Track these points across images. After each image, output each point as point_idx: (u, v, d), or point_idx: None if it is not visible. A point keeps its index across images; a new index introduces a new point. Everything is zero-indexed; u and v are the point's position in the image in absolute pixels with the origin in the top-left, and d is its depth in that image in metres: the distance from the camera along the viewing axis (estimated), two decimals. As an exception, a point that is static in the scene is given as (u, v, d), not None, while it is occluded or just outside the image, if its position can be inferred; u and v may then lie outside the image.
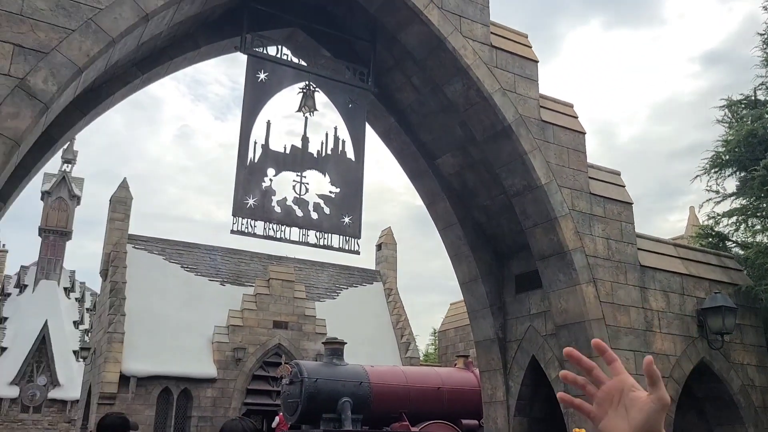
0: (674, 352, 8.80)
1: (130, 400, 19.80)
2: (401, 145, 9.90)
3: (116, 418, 4.09)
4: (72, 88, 5.92)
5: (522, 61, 8.94)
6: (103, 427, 4.02)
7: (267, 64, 8.36)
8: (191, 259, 24.05)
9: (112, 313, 20.49)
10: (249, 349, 21.81)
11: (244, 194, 7.76)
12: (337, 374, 14.23)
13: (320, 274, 26.90)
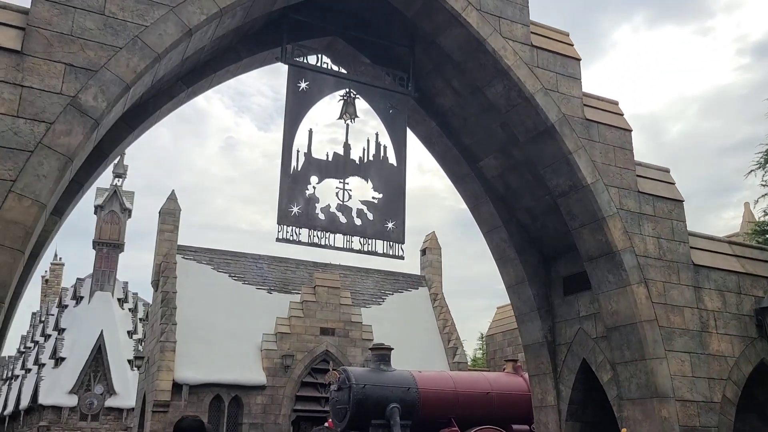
0: (732, 354, 8.51)
1: (182, 407, 20.19)
2: (443, 149, 9.86)
3: (192, 421, 4.14)
4: (121, 104, 6.10)
5: (564, 59, 8.81)
6: (179, 429, 4.05)
7: (307, 73, 8.45)
8: (239, 267, 24.45)
9: (164, 322, 20.96)
10: (297, 356, 22.01)
11: (289, 202, 7.85)
12: (385, 380, 14.22)
13: (365, 281, 27.00)
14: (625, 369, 8.11)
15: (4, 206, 5.12)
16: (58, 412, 33.29)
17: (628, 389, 8.05)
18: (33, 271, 6.60)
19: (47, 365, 35.25)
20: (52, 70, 5.54)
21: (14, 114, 5.32)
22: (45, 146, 5.37)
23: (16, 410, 36.29)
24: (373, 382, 14.07)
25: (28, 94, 5.42)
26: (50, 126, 5.43)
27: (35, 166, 5.30)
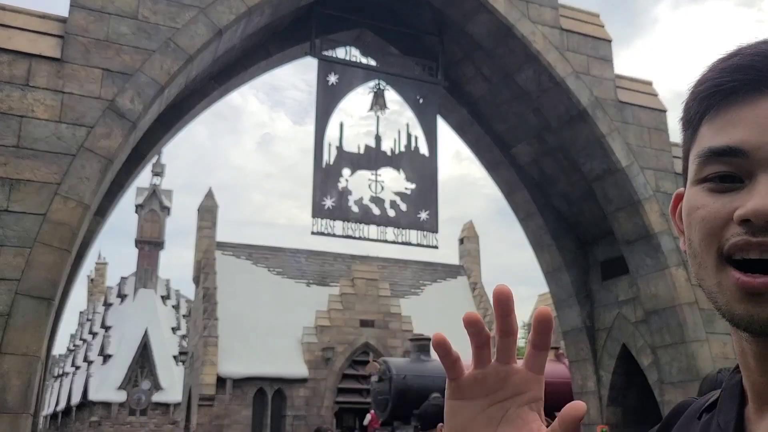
0: (778, 335, 8.33)
1: (227, 401, 20.61)
2: (476, 137, 9.84)
3: None
4: (156, 105, 6.27)
5: (594, 41, 8.70)
6: None
7: (337, 66, 8.52)
8: (277, 262, 24.77)
9: (206, 317, 21.39)
10: (337, 349, 22.24)
11: (322, 196, 7.95)
12: (426, 370, 14.29)
13: (404, 271, 27.07)
14: (665, 353, 8.01)
15: (51, 208, 5.33)
16: (107, 407, 34.29)
17: (669, 373, 7.96)
18: (79, 270, 6.84)
19: (96, 362, 36.32)
20: (90, 75, 5.72)
21: (57, 119, 5.52)
22: (87, 149, 5.56)
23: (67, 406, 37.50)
24: (414, 372, 14.15)
25: (68, 99, 5.61)
26: (90, 130, 5.62)
27: (78, 169, 5.50)
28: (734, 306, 0.59)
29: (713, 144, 0.61)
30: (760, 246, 0.56)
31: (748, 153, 0.59)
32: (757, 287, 0.56)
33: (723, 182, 0.60)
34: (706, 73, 0.64)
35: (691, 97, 0.65)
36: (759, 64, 0.60)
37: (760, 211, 0.56)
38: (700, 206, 0.61)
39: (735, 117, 0.60)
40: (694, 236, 0.62)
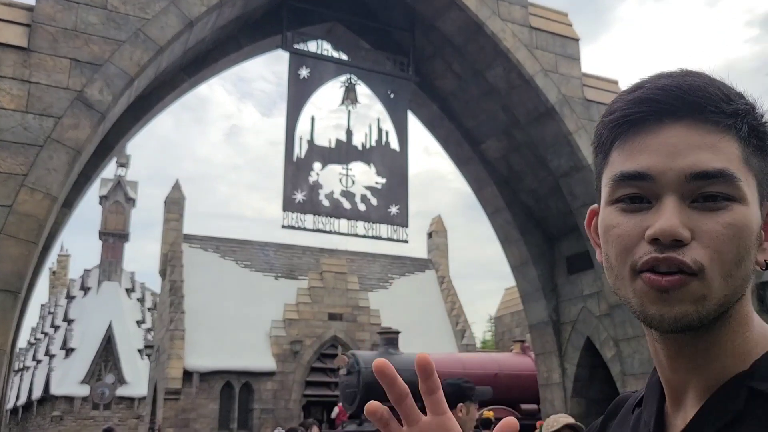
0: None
1: (194, 394, 20.48)
2: (446, 132, 9.93)
3: None
4: (126, 96, 6.20)
5: (563, 40, 8.85)
6: None
7: (308, 60, 8.52)
8: (245, 255, 24.62)
9: (173, 311, 21.19)
10: (306, 342, 22.23)
11: (293, 189, 7.95)
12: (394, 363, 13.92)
13: (372, 265, 27.16)
14: (628, 345, 8.23)
15: (17, 200, 5.24)
16: (70, 402, 33.71)
17: (631, 365, 8.18)
18: (45, 263, 6.74)
19: (58, 356, 35.65)
20: (58, 65, 5.63)
21: (23, 110, 5.43)
22: (54, 140, 5.48)
23: (28, 401, 36.75)
24: (382, 364, 14.18)
25: (35, 89, 5.52)
26: (58, 120, 5.54)
27: (45, 161, 5.42)
28: (647, 307, 0.66)
29: (624, 169, 0.68)
30: (667, 261, 0.64)
31: (654, 177, 0.66)
32: (664, 284, 0.64)
33: (633, 203, 0.68)
34: (615, 104, 0.71)
35: (603, 126, 0.73)
36: (659, 96, 0.67)
37: (666, 231, 0.64)
38: (615, 225, 0.69)
39: (642, 144, 0.68)
40: (611, 252, 0.69)
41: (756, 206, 0.68)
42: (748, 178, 0.67)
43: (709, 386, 0.68)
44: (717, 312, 0.66)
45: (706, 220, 0.65)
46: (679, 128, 0.67)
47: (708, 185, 0.65)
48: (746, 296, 0.69)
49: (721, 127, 0.67)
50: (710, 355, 0.68)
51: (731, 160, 0.66)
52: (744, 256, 0.66)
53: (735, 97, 0.69)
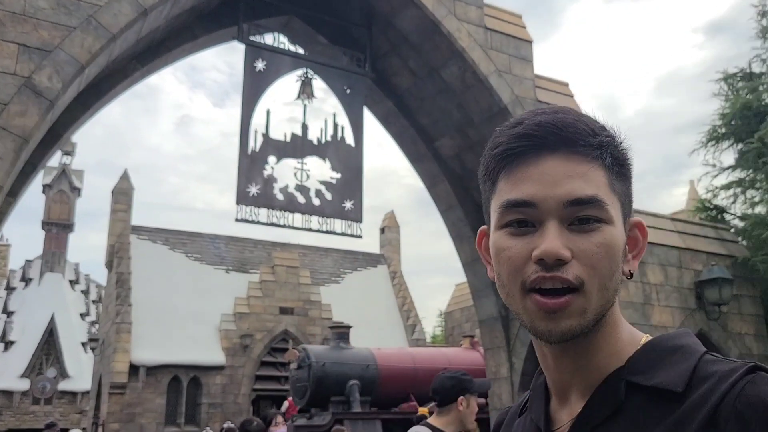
0: (672, 324, 8.98)
1: (140, 389, 20.10)
2: (400, 129, 10.01)
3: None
4: (76, 84, 6.05)
5: (517, 42, 9.03)
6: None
7: (264, 52, 8.46)
8: (195, 247, 24.26)
9: (119, 303, 20.73)
10: (256, 336, 22.08)
11: (247, 182, 7.90)
12: (345, 357, 14.45)
13: (324, 259, 27.12)
14: None
15: (-42, 188, 5.07)
16: (9, 396, 32.64)
17: (577, 360, 8.44)
18: (-13, 253, 6.53)
19: (-4, 349, 34.43)
20: (5, 50, 5.46)
21: (-33, 95, 5.25)
22: (0, 128, 5.32)
23: (-35, 396, 35.39)
24: (333, 359, 14.29)
25: (-20, 74, 5.34)
26: (5, 107, 5.37)
27: (-10, 148, 5.25)
28: (537, 324, 0.76)
29: (510, 197, 0.78)
30: (552, 279, 0.74)
31: (537, 204, 0.76)
32: (552, 306, 0.74)
33: (520, 227, 0.77)
34: (499, 138, 0.81)
35: (490, 157, 0.83)
36: (537, 132, 0.77)
37: (549, 252, 0.73)
38: (506, 248, 0.78)
39: (525, 175, 0.77)
40: (502, 272, 0.79)
41: (621, 225, 0.79)
42: (614, 201, 0.78)
43: (592, 383, 0.78)
44: (595, 320, 0.76)
45: (582, 241, 0.75)
46: (555, 160, 0.76)
47: (582, 210, 0.75)
48: (616, 303, 0.80)
49: (589, 158, 0.77)
50: (590, 355, 0.78)
51: (600, 186, 0.76)
52: (615, 270, 0.76)
53: (599, 131, 0.79)
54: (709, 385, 0.69)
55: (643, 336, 0.82)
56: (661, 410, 0.71)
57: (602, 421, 0.74)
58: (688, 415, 0.68)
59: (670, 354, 0.76)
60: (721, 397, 0.67)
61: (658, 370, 0.75)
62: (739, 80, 12.15)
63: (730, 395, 0.66)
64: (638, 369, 0.76)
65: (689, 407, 0.68)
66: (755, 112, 11.35)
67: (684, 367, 0.73)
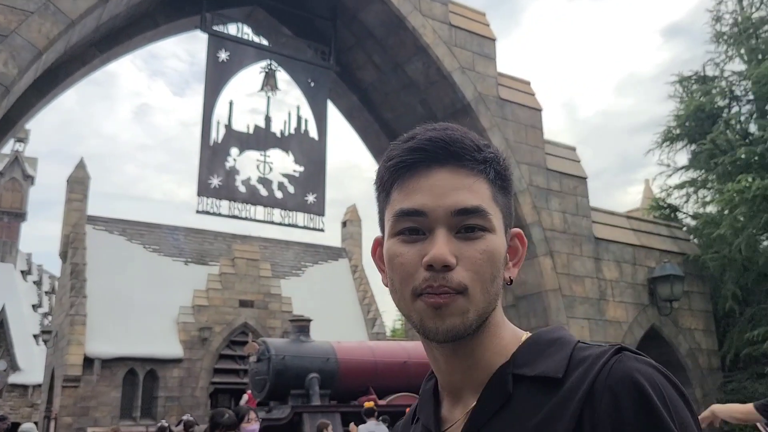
0: (626, 319, 9.23)
1: (95, 382, 19.72)
2: (364, 123, 10.03)
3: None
4: (33, 70, 5.89)
5: (480, 39, 9.12)
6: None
7: (228, 43, 8.37)
8: (153, 239, 23.85)
9: (74, 295, 20.27)
10: (215, 329, 21.84)
11: (209, 174, 7.82)
12: (305, 351, 14.40)
13: (285, 252, 26.96)
14: (531, 335, 8.65)
15: None
16: (-44, 390, 31.63)
17: (534, 354, 8.61)
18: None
19: (-57, 341, 33.30)
20: (-43, 33, 5.29)
21: None
22: (-49, 113, 5.16)
23: None
24: (293, 353, 14.22)
25: (-69, 57, 5.16)
26: (-44, 92, 5.21)
27: (-60, 134, 5.09)
28: (426, 322, 0.81)
29: (403, 206, 0.83)
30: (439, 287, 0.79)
31: (427, 213, 0.81)
32: (439, 302, 0.79)
33: (412, 234, 0.82)
34: (393, 151, 0.86)
35: (384, 169, 0.87)
36: (427, 146, 0.83)
37: (437, 258, 0.78)
38: (398, 254, 0.82)
39: (416, 186, 0.82)
40: (395, 277, 0.84)
41: (503, 235, 0.85)
42: (496, 212, 0.84)
43: (482, 380, 0.84)
44: (478, 321, 0.81)
45: (467, 248, 0.80)
46: (444, 173, 0.82)
47: (467, 219, 0.81)
48: (498, 306, 0.85)
49: (475, 171, 0.83)
50: (477, 355, 0.84)
51: (484, 198, 0.82)
52: (496, 276, 0.82)
53: (484, 147, 0.85)
54: (583, 368, 0.76)
55: (524, 333, 0.88)
56: (545, 396, 0.77)
57: (494, 413, 0.80)
58: (568, 396, 0.74)
59: (549, 346, 0.83)
60: (594, 376, 0.74)
61: (540, 361, 0.81)
62: (693, 83, 12.51)
63: (602, 374, 0.73)
64: (522, 362, 0.82)
65: (568, 389, 0.75)
66: (708, 114, 11.71)
67: (561, 355, 0.80)
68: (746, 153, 10.59)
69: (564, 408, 0.74)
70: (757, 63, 11.42)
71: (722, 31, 12.28)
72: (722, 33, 12.25)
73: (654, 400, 0.70)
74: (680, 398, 0.73)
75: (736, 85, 12.00)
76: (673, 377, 0.75)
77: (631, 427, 0.70)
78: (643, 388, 0.71)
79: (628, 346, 0.78)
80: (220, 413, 4.34)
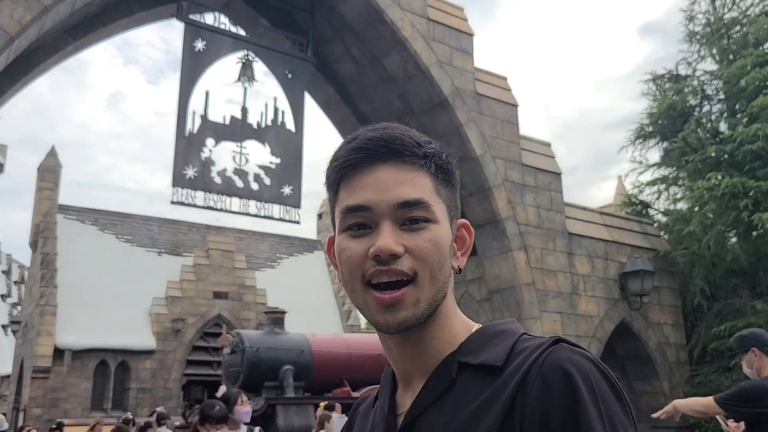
0: (597, 313, 9.38)
1: (65, 373, 19.47)
2: (341, 116, 10.02)
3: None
4: (4, 56, 5.79)
5: (458, 34, 9.16)
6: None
7: (204, 32, 8.29)
8: (126, 229, 23.56)
9: (44, 285, 19.96)
10: (188, 320, 21.68)
11: (184, 164, 7.76)
12: (279, 343, 14.37)
13: (260, 244, 26.83)
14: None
15: None
16: None
17: (507, 347, 8.71)
18: None
19: None
20: (-75, 16, 5.17)
21: None
22: None
23: None
24: (267, 344, 14.18)
25: None
26: (-76, 77, 5.10)
27: None
28: (377, 317, 0.84)
29: (349, 203, 0.86)
30: (389, 272, 0.82)
31: (372, 208, 0.84)
32: (389, 300, 0.82)
33: (359, 229, 0.85)
34: (338, 152, 0.89)
35: (330, 169, 0.90)
36: (369, 145, 0.86)
37: (383, 248, 0.81)
38: (346, 248, 0.86)
39: (361, 183, 0.86)
40: (345, 270, 0.86)
41: (447, 225, 0.88)
42: (439, 204, 0.87)
43: (429, 368, 0.87)
44: (429, 311, 0.84)
45: (413, 238, 0.83)
46: (386, 169, 0.85)
47: (410, 211, 0.84)
48: (449, 295, 0.88)
49: (416, 166, 0.86)
50: (427, 343, 0.87)
51: (425, 191, 0.85)
52: (443, 263, 0.85)
53: (424, 143, 0.89)
54: (522, 357, 0.80)
55: (475, 325, 0.91)
56: (484, 383, 0.80)
57: (437, 398, 0.83)
58: (505, 383, 0.78)
59: (495, 337, 0.86)
60: (530, 364, 0.77)
61: (484, 350, 0.84)
62: (666, 81, 12.70)
63: (537, 362, 0.77)
64: (468, 351, 0.85)
65: (507, 376, 0.79)
66: (680, 112, 11.91)
67: (504, 345, 0.84)
68: (716, 151, 10.80)
69: (500, 393, 0.78)
70: (728, 63, 11.64)
71: (695, 30, 12.48)
72: (695, 33, 12.46)
73: (581, 387, 0.73)
74: (610, 389, 0.76)
75: (708, 85, 12.22)
76: (606, 368, 0.79)
77: (557, 412, 0.73)
78: (571, 376, 0.74)
79: (566, 338, 0.81)
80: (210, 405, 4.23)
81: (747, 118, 11.01)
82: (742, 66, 10.78)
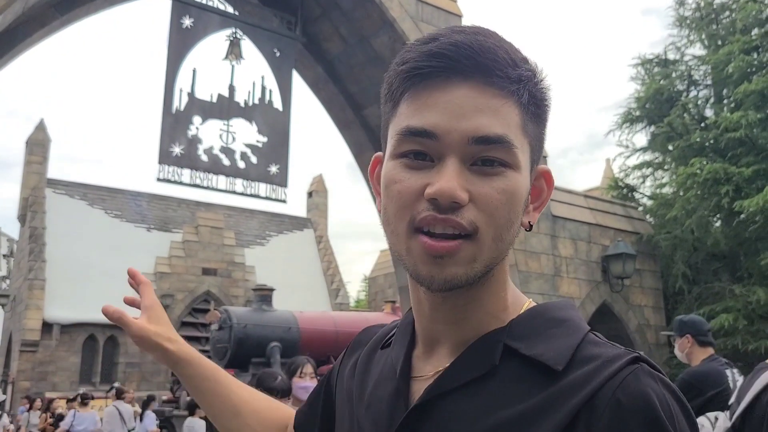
0: (579, 296, 9.53)
1: (53, 347, 19.59)
2: (329, 95, 10.02)
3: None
4: (-13, 31, 5.77)
5: (447, 15, 9.16)
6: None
7: (192, 9, 8.26)
8: (115, 204, 23.56)
9: (32, 259, 19.99)
10: (177, 296, 21.80)
11: (170, 142, 7.78)
12: (266, 320, 14.51)
13: (250, 221, 26.88)
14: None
15: None
16: None
17: (489, 327, 8.86)
18: None
19: None
20: None
21: None
22: None
23: None
24: (255, 321, 14.32)
25: None
26: None
27: None
28: (420, 267, 0.68)
29: (411, 123, 0.68)
30: (444, 222, 0.66)
31: (439, 136, 0.67)
32: (439, 250, 0.66)
33: (417, 159, 0.68)
34: (407, 54, 0.70)
35: (394, 74, 0.71)
36: (450, 52, 0.67)
37: (445, 192, 0.65)
38: (397, 180, 0.69)
39: (430, 100, 0.67)
40: (390, 207, 0.70)
41: (527, 172, 0.71)
42: (524, 144, 0.70)
43: (466, 339, 0.72)
44: (483, 272, 0.69)
45: (482, 184, 0.67)
46: (466, 88, 0.67)
47: (487, 150, 0.67)
48: (507, 259, 0.73)
49: (505, 92, 0.68)
50: (469, 310, 0.72)
51: (510, 126, 0.68)
52: (514, 220, 0.69)
53: (520, 63, 0.69)
54: (591, 367, 0.65)
55: (526, 300, 0.76)
56: (535, 383, 0.66)
57: (470, 380, 0.69)
58: (566, 394, 0.64)
59: (554, 326, 0.71)
60: (602, 382, 0.63)
61: (540, 340, 0.69)
62: (654, 66, 12.75)
63: (612, 382, 0.63)
64: (519, 335, 0.70)
65: (567, 387, 0.64)
66: (667, 97, 11.98)
67: (566, 343, 0.68)
68: (700, 137, 10.90)
69: (555, 405, 0.64)
70: (716, 48, 11.69)
71: (685, 15, 12.51)
72: (685, 17, 12.48)
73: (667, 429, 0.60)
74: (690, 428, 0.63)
75: (695, 70, 12.28)
76: (685, 402, 0.65)
77: None
78: (657, 415, 0.61)
79: (645, 356, 0.67)
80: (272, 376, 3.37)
81: (732, 104, 11.10)
82: (729, 52, 10.84)
